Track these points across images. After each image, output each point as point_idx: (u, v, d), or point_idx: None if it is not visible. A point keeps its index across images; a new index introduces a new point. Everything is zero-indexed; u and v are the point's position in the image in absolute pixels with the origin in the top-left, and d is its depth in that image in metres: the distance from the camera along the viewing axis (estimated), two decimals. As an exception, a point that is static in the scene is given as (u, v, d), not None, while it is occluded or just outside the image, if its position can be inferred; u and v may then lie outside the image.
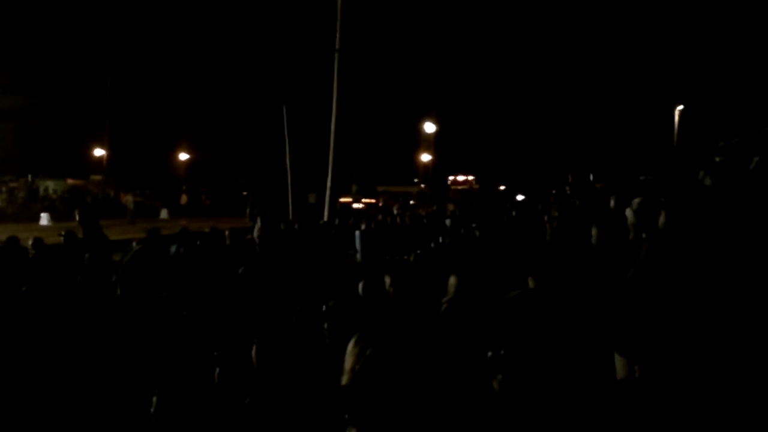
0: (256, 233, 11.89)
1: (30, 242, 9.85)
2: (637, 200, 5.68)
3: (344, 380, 3.08)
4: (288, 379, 3.48)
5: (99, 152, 59.78)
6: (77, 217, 9.21)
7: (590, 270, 4.60)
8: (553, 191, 22.73)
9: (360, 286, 6.28)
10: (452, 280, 4.99)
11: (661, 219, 4.66)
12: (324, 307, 4.94)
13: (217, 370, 4.55)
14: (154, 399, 3.55)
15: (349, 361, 3.16)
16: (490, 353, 3.05)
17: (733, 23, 42.69)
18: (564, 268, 4.29)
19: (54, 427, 5.50)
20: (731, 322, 3.05)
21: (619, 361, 3.07)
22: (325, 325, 4.81)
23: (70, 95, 58.15)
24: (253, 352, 3.72)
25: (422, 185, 51.40)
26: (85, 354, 6.18)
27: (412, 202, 41.13)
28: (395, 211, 20.36)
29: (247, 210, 26.57)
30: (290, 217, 19.85)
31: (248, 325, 4.36)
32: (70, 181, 57.85)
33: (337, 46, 19.60)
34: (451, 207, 26.47)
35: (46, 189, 54.49)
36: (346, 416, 2.89)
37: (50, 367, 5.91)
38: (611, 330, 3.42)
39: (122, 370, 5.97)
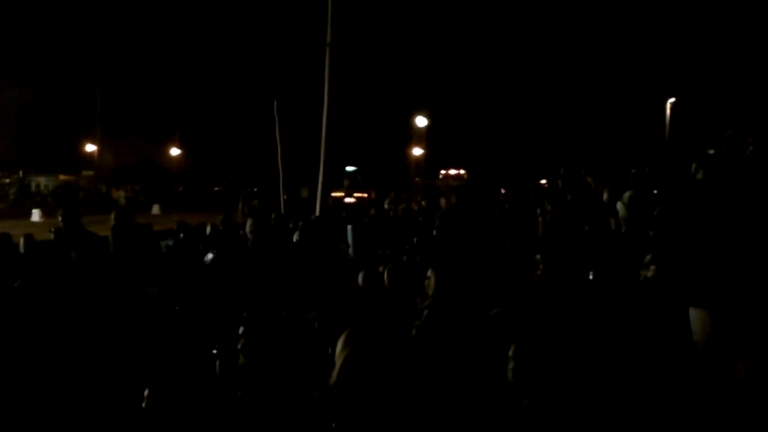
0: (248, 228, 11.86)
1: (21, 239, 9.82)
2: (627, 194, 5.69)
3: (332, 377, 3.09)
4: (276, 372, 3.48)
5: (90, 148, 59.65)
6: (60, 218, 9.30)
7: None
8: (545, 185, 22.70)
9: (360, 276, 6.27)
10: (430, 274, 4.98)
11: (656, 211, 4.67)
12: (316, 303, 4.94)
13: (218, 362, 4.55)
14: (146, 393, 3.54)
15: (338, 359, 3.17)
16: (513, 346, 3.08)
17: (724, 16, 42.74)
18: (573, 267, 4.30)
19: (48, 421, 5.50)
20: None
21: (694, 314, 3.06)
22: (316, 322, 4.81)
23: (62, 91, 57.95)
24: (240, 346, 3.71)
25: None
26: (78, 348, 6.17)
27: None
28: (386, 206, 20.35)
29: (239, 204, 26.53)
30: (282, 211, 19.81)
31: (239, 320, 4.35)
32: (61, 177, 57.73)
33: (327, 41, 19.53)
34: (443, 201, 26.43)
35: (38, 185, 54.37)
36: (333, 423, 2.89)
37: (43, 361, 5.90)
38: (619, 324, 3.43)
39: (114, 364, 5.98)
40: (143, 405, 3.53)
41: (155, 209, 43.67)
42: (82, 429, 5.43)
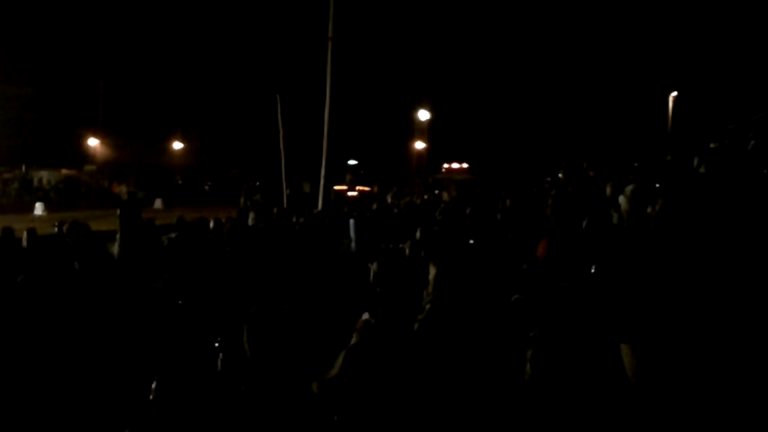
0: (250, 223, 11.90)
1: (24, 233, 9.85)
2: (630, 187, 5.69)
3: (333, 370, 3.10)
4: (281, 366, 3.49)
5: (92, 142, 59.70)
6: (65, 231, 9.33)
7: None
8: (548, 178, 22.70)
9: (374, 266, 6.28)
10: (432, 270, 4.99)
11: (657, 207, 4.67)
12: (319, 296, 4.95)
13: (220, 356, 4.57)
14: (153, 386, 3.56)
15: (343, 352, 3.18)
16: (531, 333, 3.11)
17: (726, 9, 42.64)
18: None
19: (53, 415, 5.51)
20: (729, 314, 3.07)
21: (624, 350, 3.10)
22: (320, 314, 4.83)
23: (64, 85, 57.95)
24: (245, 338, 3.72)
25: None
26: (83, 343, 6.19)
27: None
28: (389, 200, 20.36)
29: (241, 199, 26.57)
30: (285, 206, 19.82)
31: (243, 313, 4.37)
32: (64, 171, 57.76)
33: (329, 34, 19.53)
34: (445, 195, 26.44)
35: (40, 179, 54.40)
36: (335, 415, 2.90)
37: (47, 356, 5.92)
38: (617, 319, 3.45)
39: (120, 358, 5.99)
40: (151, 398, 3.55)
41: (157, 204, 43.73)
42: (89, 423, 5.45)
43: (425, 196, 22.80)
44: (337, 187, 39.08)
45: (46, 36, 56.56)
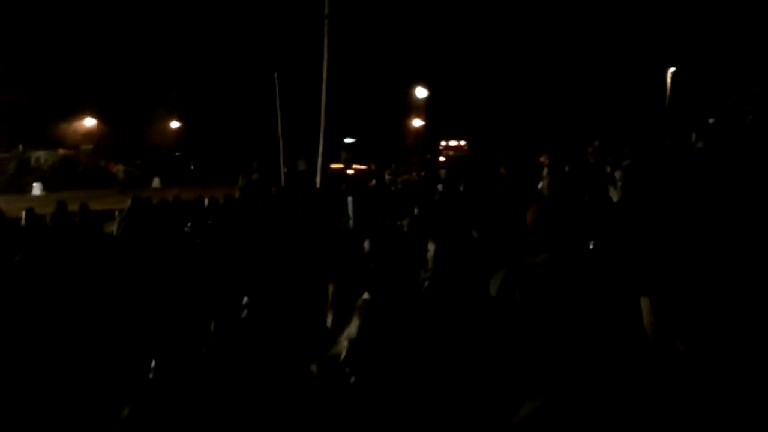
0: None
1: (23, 213, 9.84)
2: (626, 162, 5.70)
3: (341, 345, 3.10)
4: (279, 345, 3.50)
5: (89, 122, 59.58)
6: (48, 221, 9.37)
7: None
8: (546, 154, 22.67)
9: (366, 244, 6.29)
10: (431, 246, 4.99)
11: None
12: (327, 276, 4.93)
13: (218, 337, 4.56)
14: (153, 365, 3.57)
15: (351, 327, 3.18)
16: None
17: (724, -16, 42.44)
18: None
19: (54, 394, 5.53)
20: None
21: (643, 304, 3.11)
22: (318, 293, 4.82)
23: (60, 66, 57.75)
24: (243, 319, 3.73)
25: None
26: (83, 322, 6.20)
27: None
28: (387, 177, 20.34)
29: (240, 177, 26.55)
30: (282, 184, 19.80)
31: (241, 293, 4.36)
32: (61, 151, 57.61)
33: (326, 12, 19.42)
34: (443, 173, 26.39)
35: (37, 159, 54.21)
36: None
37: (47, 335, 5.93)
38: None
39: (120, 337, 6.01)
40: (150, 376, 3.56)
41: (155, 182, 43.70)
42: (90, 401, 5.46)
43: (422, 173, 22.74)
44: (333, 165, 38.99)
45: (43, 16, 56.29)
